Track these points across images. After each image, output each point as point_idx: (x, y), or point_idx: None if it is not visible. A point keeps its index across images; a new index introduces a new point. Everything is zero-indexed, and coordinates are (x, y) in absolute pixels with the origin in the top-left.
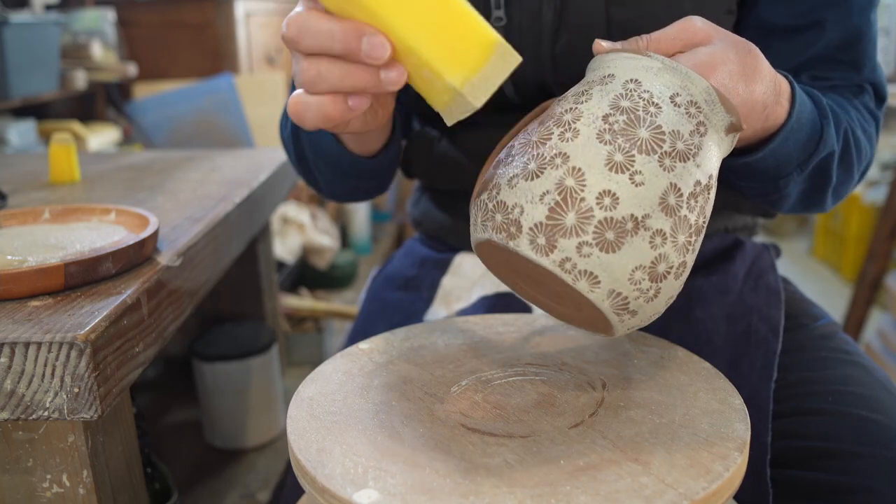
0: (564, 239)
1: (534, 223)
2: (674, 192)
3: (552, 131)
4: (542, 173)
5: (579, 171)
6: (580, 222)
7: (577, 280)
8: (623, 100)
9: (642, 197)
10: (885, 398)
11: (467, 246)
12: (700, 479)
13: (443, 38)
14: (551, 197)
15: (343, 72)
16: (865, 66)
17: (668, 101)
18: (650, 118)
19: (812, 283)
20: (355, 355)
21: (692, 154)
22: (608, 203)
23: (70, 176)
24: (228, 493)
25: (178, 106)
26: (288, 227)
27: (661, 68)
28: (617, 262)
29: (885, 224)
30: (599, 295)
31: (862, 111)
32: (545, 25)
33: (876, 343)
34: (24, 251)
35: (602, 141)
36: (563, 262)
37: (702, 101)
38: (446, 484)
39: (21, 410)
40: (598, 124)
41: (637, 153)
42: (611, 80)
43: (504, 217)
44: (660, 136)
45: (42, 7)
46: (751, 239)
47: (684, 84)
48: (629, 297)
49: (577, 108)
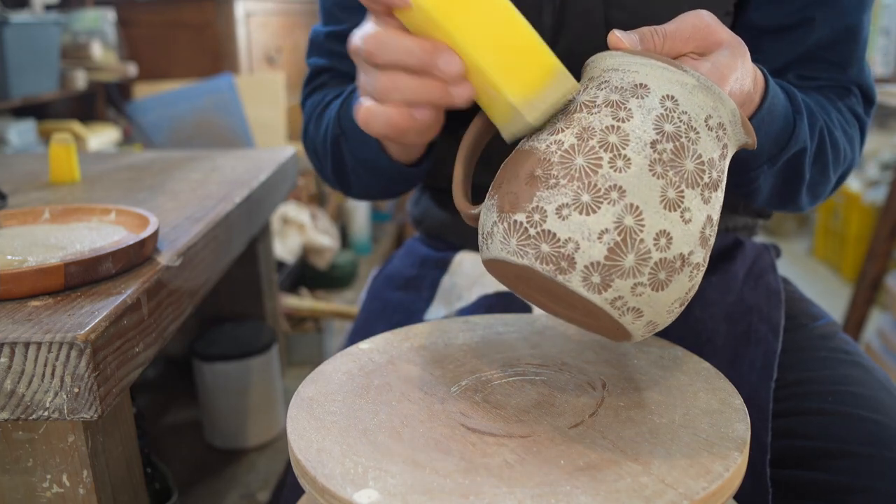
0: (621, 280)
1: (590, 262)
2: (709, 224)
3: (601, 157)
4: (598, 208)
5: (637, 209)
6: (638, 264)
7: (623, 315)
8: (666, 123)
9: (690, 234)
10: (885, 398)
11: (468, 244)
12: (700, 479)
13: (508, 60)
14: (610, 237)
15: (417, 85)
16: (852, 67)
17: (703, 125)
18: (692, 146)
19: (812, 283)
20: (355, 355)
21: (720, 181)
22: (663, 244)
23: (70, 176)
24: (228, 493)
25: (178, 106)
26: (288, 227)
27: (695, 86)
28: (663, 298)
29: (885, 224)
30: (638, 326)
31: (845, 113)
32: (544, 28)
33: (876, 343)
34: (24, 251)
35: (654, 174)
36: (615, 301)
37: (727, 122)
38: (446, 484)
39: (21, 410)
40: (648, 153)
41: (685, 188)
42: (645, 92)
43: (553, 249)
44: (701, 168)
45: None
46: (751, 239)
47: (716, 105)
48: (660, 323)
49: (621, 127)
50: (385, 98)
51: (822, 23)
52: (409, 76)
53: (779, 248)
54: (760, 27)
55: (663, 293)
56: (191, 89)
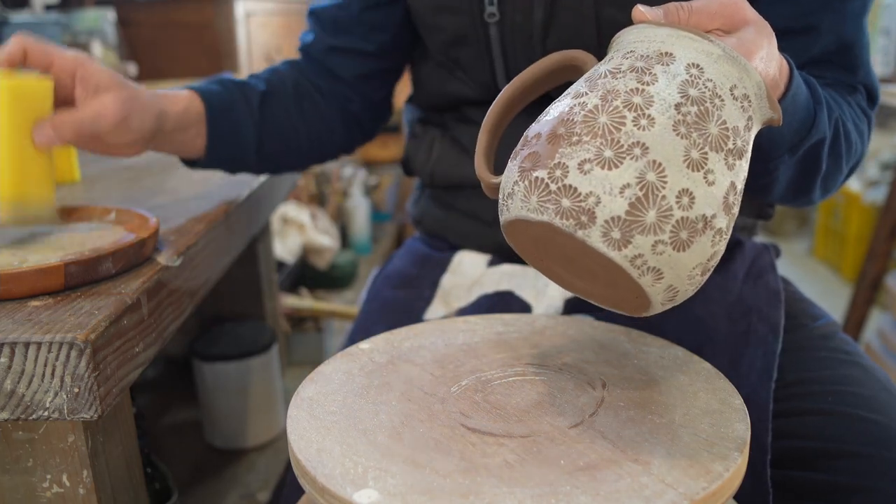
0: (641, 236)
1: (611, 216)
2: (733, 190)
3: (624, 115)
4: (620, 163)
5: (660, 165)
6: (660, 220)
7: (642, 275)
8: (691, 88)
9: (713, 196)
10: (885, 398)
11: (467, 244)
12: (700, 479)
13: None
14: (632, 192)
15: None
16: (860, 70)
17: (728, 94)
18: (717, 111)
19: (812, 283)
20: (355, 355)
21: (745, 150)
22: (686, 202)
23: (70, 176)
24: (228, 493)
25: None
26: (288, 227)
27: (721, 56)
28: (684, 260)
29: (885, 224)
30: (658, 288)
31: (854, 107)
32: (536, 23)
33: (876, 343)
34: (24, 251)
35: (678, 133)
36: (634, 259)
37: (752, 94)
38: (446, 484)
39: (21, 410)
40: (672, 114)
41: (710, 150)
42: (671, 60)
43: (574, 203)
44: (725, 133)
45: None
46: (751, 239)
47: (741, 76)
48: (680, 289)
49: (646, 90)
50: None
51: (829, 30)
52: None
53: (779, 248)
54: None
55: (684, 254)
56: None
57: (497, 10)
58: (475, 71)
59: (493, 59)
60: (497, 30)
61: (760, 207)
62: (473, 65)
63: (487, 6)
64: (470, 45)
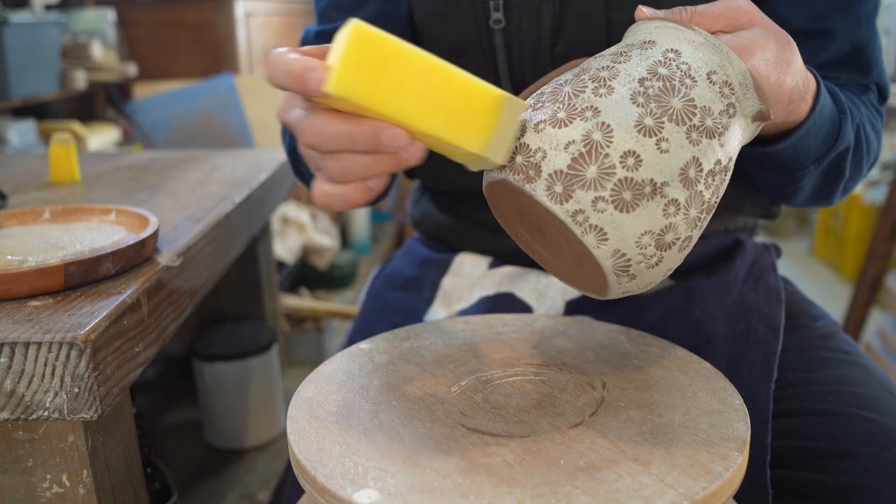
0: (582, 191)
1: (554, 170)
2: (695, 165)
3: (587, 85)
4: (570, 123)
5: (608, 126)
6: (600, 177)
7: (585, 233)
8: (661, 67)
9: (665, 164)
10: (885, 398)
11: (468, 246)
12: (700, 479)
13: (453, 115)
14: (576, 147)
15: (368, 162)
16: (873, 70)
17: (704, 77)
18: (685, 90)
19: (812, 283)
20: (355, 355)
21: (718, 133)
22: (631, 163)
23: (70, 176)
24: (228, 493)
25: (178, 106)
26: (288, 227)
27: (702, 43)
28: (629, 222)
29: (885, 224)
30: (604, 252)
31: (869, 107)
32: (544, 28)
33: (876, 343)
34: (24, 251)
35: (635, 102)
36: (576, 214)
37: (736, 83)
38: (446, 484)
39: (21, 410)
40: (634, 85)
41: (667, 121)
42: (651, 46)
43: (525, 159)
44: (691, 109)
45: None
46: (751, 239)
47: (722, 63)
48: (632, 259)
49: (615, 66)
50: (340, 180)
51: (843, 33)
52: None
53: (779, 248)
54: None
55: (628, 216)
56: (191, 89)
57: (503, 16)
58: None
59: (498, 66)
60: (502, 37)
61: (767, 207)
62: (477, 72)
63: (493, 13)
64: (473, 52)
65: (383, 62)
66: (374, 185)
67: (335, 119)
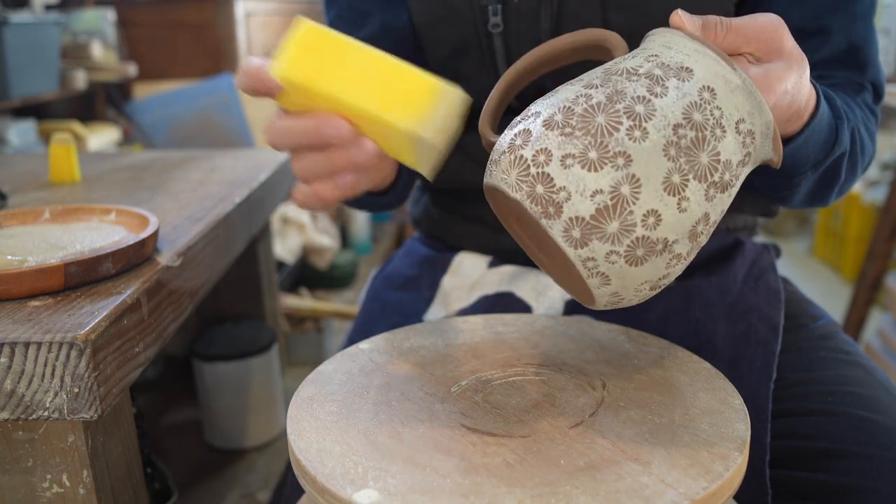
0: (599, 242)
1: (576, 215)
2: (704, 221)
3: (621, 121)
4: (601, 168)
5: (637, 181)
6: (620, 233)
7: (590, 276)
8: (696, 111)
9: (681, 224)
10: (885, 398)
11: (467, 246)
12: (700, 479)
13: (388, 95)
14: (602, 199)
15: (321, 159)
16: (870, 69)
17: (733, 127)
18: (714, 142)
19: (812, 283)
20: (355, 355)
21: (731, 185)
22: (651, 223)
23: (70, 176)
24: (228, 493)
25: (178, 106)
26: (288, 227)
27: (738, 86)
28: (634, 274)
29: (885, 224)
30: (603, 292)
31: (864, 108)
32: (542, 31)
33: (876, 343)
34: (24, 251)
35: (667, 156)
36: (587, 260)
37: (759, 132)
38: (446, 484)
39: (21, 410)
40: (668, 133)
41: (692, 178)
42: (688, 76)
43: (546, 192)
44: (715, 165)
45: (42, 7)
46: (751, 239)
47: (752, 112)
48: (626, 298)
49: (651, 101)
50: (305, 180)
51: (839, 31)
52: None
53: (779, 248)
54: None
55: (636, 269)
56: (191, 89)
57: (501, 20)
58: (477, 81)
59: (497, 69)
60: (501, 40)
61: (767, 205)
62: (475, 75)
63: (491, 17)
64: (472, 55)
65: (328, 50)
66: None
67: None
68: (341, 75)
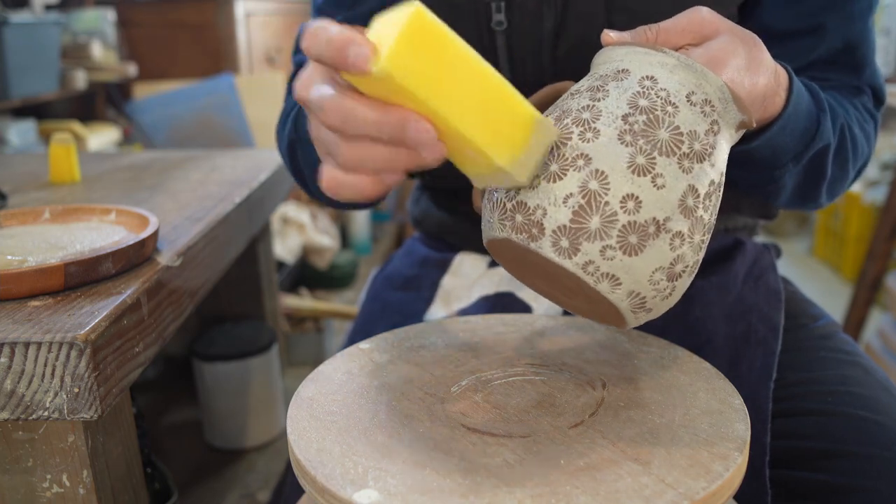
0: (588, 242)
1: (557, 226)
2: (692, 193)
3: (571, 130)
4: (564, 175)
5: (602, 173)
6: (604, 226)
7: (598, 282)
8: (641, 98)
9: (664, 200)
10: (885, 398)
11: (468, 245)
12: (700, 479)
13: (488, 121)
14: (575, 200)
15: (386, 155)
16: (865, 70)
17: (684, 100)
18: (669, 118)
19: (812, 283)
20: (355, 355)
21: (707, 154)
22: (632, 207)
23: (70, 176)
24: (228, 493)
25: (178, 106)
26: (288, 227)
27: (676, 65)
28: (639, 264)
29: (885, 224)
30: (619, 296)
31: (860, 110)
32: (546, 31)
33: (876, 343)
34: (24, 251)
35: (623, 143)
36: (586, 265)
37: (716, 99)
38: (446, 484)
39: (21, 410)
40: (619, 124)
41: (658, 155)
42: (626, 75)
43: (525, 218)
44: (678, 137)
45: (42, 7)
46: (751, 239)
47: (699, 82)
48: (647, 296)
49: (596, 105)
50: (354, 168)
51: (835, 30)
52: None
53: (779, 248)
54: (772, 31)
55: (637, 259)
56: (191, 89)
57: (505, 18)
58: None
59: (500, 68)
60: (504, 38)
61: (765, 207)
62: None
63: (495, 14)
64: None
65: (436, 51)
66: (390, 181)
67: (364, 103)
68: (446, 84)
